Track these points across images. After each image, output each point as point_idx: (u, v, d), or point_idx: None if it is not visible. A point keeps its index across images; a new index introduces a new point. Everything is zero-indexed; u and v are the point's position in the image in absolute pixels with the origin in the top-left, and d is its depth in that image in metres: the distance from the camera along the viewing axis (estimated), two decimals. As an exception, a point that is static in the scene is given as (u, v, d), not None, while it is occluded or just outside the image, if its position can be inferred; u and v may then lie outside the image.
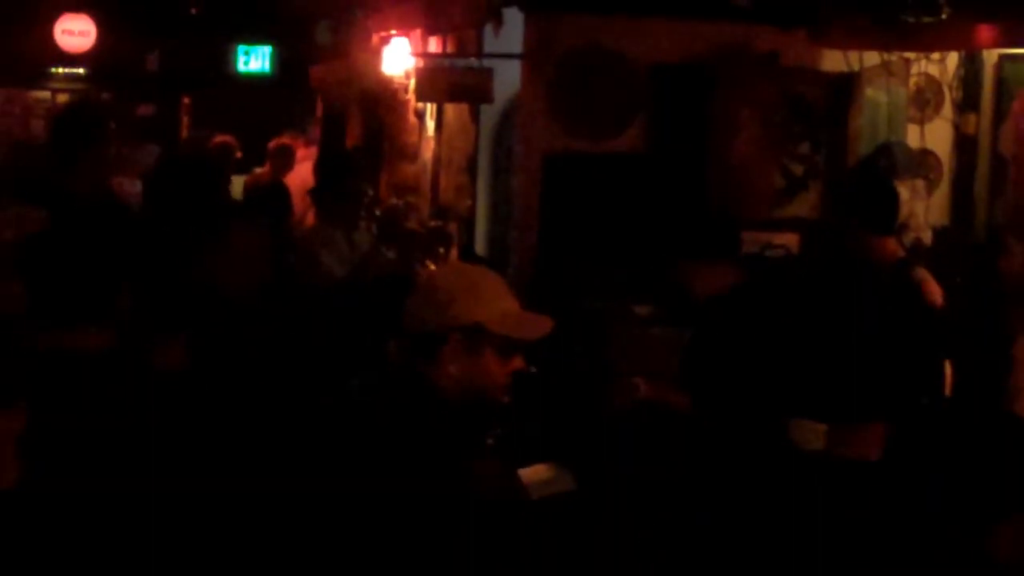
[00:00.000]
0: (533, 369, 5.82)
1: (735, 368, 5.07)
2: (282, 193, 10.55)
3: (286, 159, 12.14)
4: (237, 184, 11.05)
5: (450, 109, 10.14)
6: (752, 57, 8.45)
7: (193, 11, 18.01)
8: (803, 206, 8.57)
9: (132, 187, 9.26)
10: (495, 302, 3.59)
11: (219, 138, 12.24)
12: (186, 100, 19.28)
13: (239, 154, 12.32)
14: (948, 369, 6.80)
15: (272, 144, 12.41)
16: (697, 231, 5.38)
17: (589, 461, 5.22)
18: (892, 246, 6.03)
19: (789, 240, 8.34)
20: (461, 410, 3.53)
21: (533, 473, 4.89)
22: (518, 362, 3.62)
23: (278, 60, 18.86)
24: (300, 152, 12.62)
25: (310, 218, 9.20)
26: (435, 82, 8.99)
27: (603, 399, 5.28)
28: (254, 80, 18.96)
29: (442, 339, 3.52)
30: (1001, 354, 5.61)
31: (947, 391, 6.75)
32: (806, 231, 8.39)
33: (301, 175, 11.07)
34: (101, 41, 18.30)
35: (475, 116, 9.69)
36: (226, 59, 19.03)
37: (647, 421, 5.14)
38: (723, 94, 8.39)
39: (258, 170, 12.76)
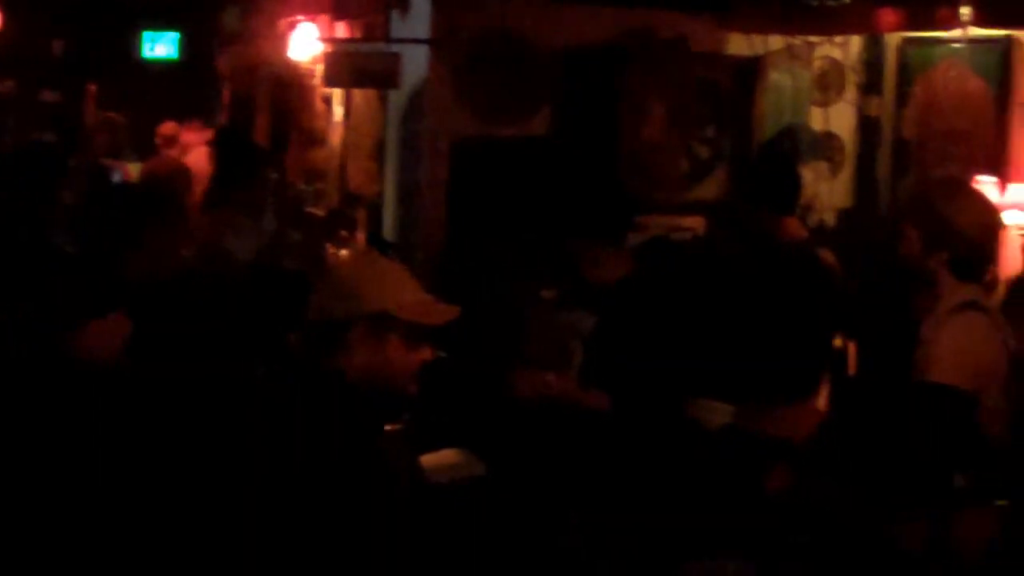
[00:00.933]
0: (442, 354, 5.84)
1: (642, 355, 5.10)
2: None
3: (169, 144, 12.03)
4: (134, 170, 10.94)
5: (358, 95, 10.12)
6: (659, 42, 8.50)
7: (97, -3, 17.85)
8: (709, 189, 8.63)
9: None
10: (400, 290, 3.61)
11: (106, 115, 12.12)
12: (92, 87, 19.09)
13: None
14: (852, 349, 6.90)
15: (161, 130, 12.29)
16: (588, 214, 5.40)
17: (496, 449, 5.23)
18: (795, 226, 6.11)
19: (696, 223, 8.41)
20: (366, 398, 3.54)
21: (440, 458, 4.89)
22: (426, 351, 3.64)
23: (185, 46, 18.71)
24: (202, 136, 12.53)
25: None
26: (342, 67, 8.98)
27: (512, 391, 5.28)
28: (161, 66, 18.79)
29: (347, 327, 3.53)
30: (905, 335, 5.68)
31: (850, 370, 6.85)
32: (712, 213, 8.45)
33: (203, 160, 10.99)
34: (5, 27, 18.06)
35: (383, 101, 9.67)
36: (132, 45, 18.84)
37: (554, 418, 5.14)
38: (630, 78, 8.44)
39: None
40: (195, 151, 11.74)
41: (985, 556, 4.31)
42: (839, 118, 8.95)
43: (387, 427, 3.77)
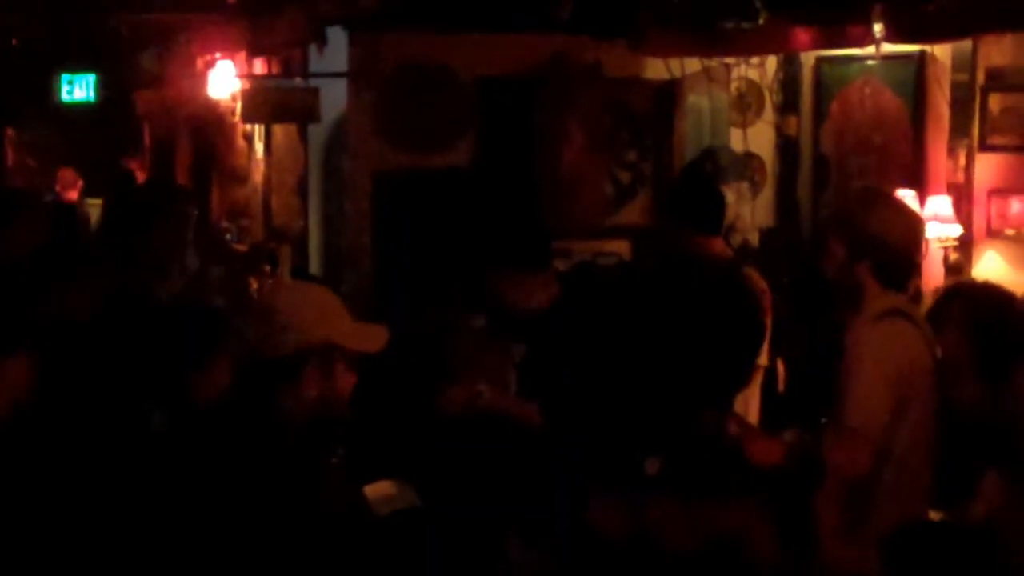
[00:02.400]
0: (371, 385, 5.82)
1: (572, 380, 5.10)
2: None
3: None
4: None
5: (279, 130, 10.10)
6: (575, 68, 8.54)
7: (14, 42, 17.68)
8: (633, 213, 8.67)
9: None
10: (338, 317, 3.59)
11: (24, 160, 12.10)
12: (10, 131, 18.92)
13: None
14: (780, 367, 6.95)
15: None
16: (506, 243, 5.40)
17: (428, 471, 5.21)
18: (720, 247, 6.15)
19: (621, 247, 8.44)
20: (308, 431, 3.52)
21: (377, 490, 4.87)
22: (353, 376, 3.62)
23: (103, 88, 18.59)
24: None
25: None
26: (261, 103, 8.97)
27: (442, 402, 5.26)
28: (79, 109, 18.67)
29: (299, 360, 3.49)
30: (831, 349, 5.72)
31: (782, 388, 6.89)
32: (637, 237, 8.49)
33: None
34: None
35: (303, 136, 9.66)
36: (49, 89, 18.70)
37: (484, 430, 5.13)
38: (548, 105, 8.47)
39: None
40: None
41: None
42: (758, 138, 9.02)
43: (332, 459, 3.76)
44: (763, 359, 6.30)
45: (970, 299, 4.81)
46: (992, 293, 4.91)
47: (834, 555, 4.24)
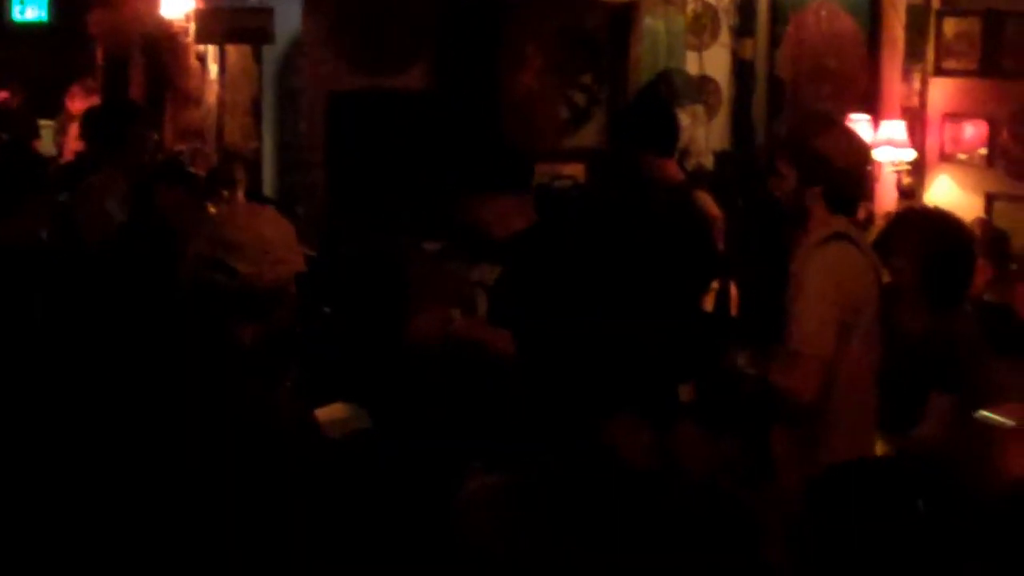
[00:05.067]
0: (327, 309, 5.83)
1: (548, 306, 5.11)
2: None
3: None
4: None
5: (232, 51, 10.02)
6: (533, -10, 8.52)
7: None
8: (588, 136, 8.68)
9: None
10: (296, 245, 3.61)
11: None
12: (-39, 52, 18.74)
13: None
14: (733, 289, 6.99)
15: None
16: (487, 165, 5.38)
17: (387, 398, 5.22)
18: (673, 169, 6.16)
19: (576, 170, 8.45)
20: (263, 355, 3.53)
21: (330, 412, 4.89)
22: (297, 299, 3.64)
23: (55, 8, 18.38)
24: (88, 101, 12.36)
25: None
26: (214, 24, 8.90)
27: (411, 329, 5.24)
28: (31, 29, 18.46)
29: (277, 295, 3.50)
30: (779, 273, 5.76)
31: (733, 311, 6.93)
32: (592, 160, 8.50)
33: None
34: None
35: (257, 57, 9.59)
36: (1, 8, 18.49)
37: (456, 364, 5.12)
38: (507, 28, 8.44)
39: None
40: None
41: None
42: (714, 61, 9.02)
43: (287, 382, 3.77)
44: (716, 281, 6.33)
45: (919, 226, 4.85)
46: (941, 220, 4.95)
47: (788, 480, 4.29)
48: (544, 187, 7.74)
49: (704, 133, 8.78)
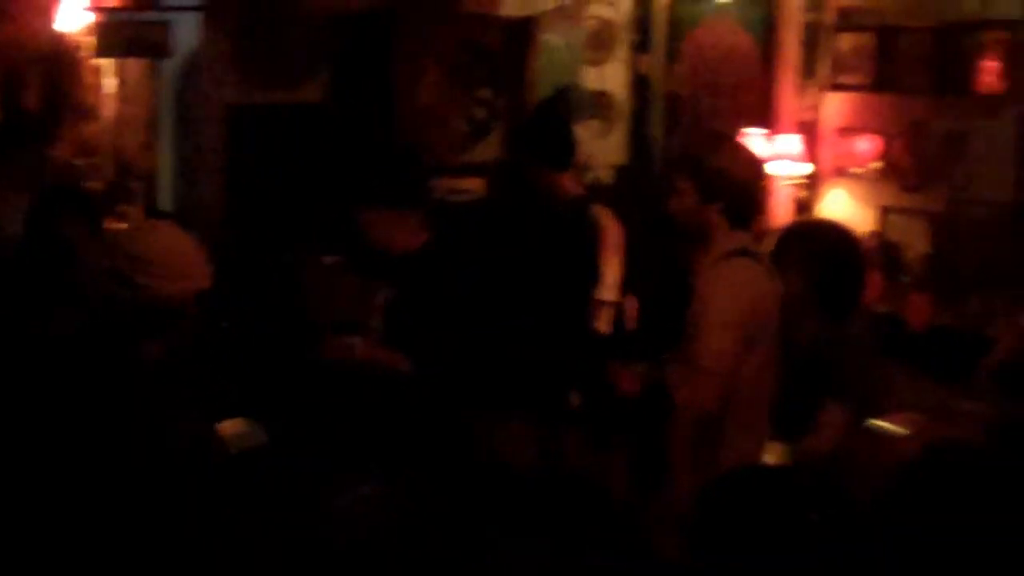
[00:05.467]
0: (225, 324, 5.80)
1: (444, 322, 5.12)
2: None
3: None
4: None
5: (130, 65, 9.93)
6: (430, 4, 8.51)
7: None
8: (487, 150, 8.68)
9: None
10: (200, 259, 3.60)
11: None
12: None
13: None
14: (632, 304, 7.03)
15: None
16: (380, 181, 5.40)
17: (285, 415, 5.20)
18: (570, 183, 6.20)
19: (475, 184, 8.46)
20: (166, 370, 3.52)
21: (227, 428, 4.87)
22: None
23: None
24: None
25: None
26: (112, 37, 8.81)
27: (312, 355, 5.25)
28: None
29: (179, 308, 3.49)
30: (679, 287, 5.82)
31: (631, 325, 6.97)
32: (491, 174, 8.51)
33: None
34: None
35: (155, 71, 9.51)
36: None
37: (358, 381, 5.13)
38: (403, 42, 8.44)
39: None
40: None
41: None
42: (612, 76, 9.07)
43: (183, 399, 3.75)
44: (614, 295, 6.37)
45: (809, 237, 4.93)
46: (831, 231, 5.03)
47: (684, 490, 4.33)
48: (442, 201, 7.75)
49: (602, 148, 8.83)
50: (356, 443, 4.99)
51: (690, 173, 4.71)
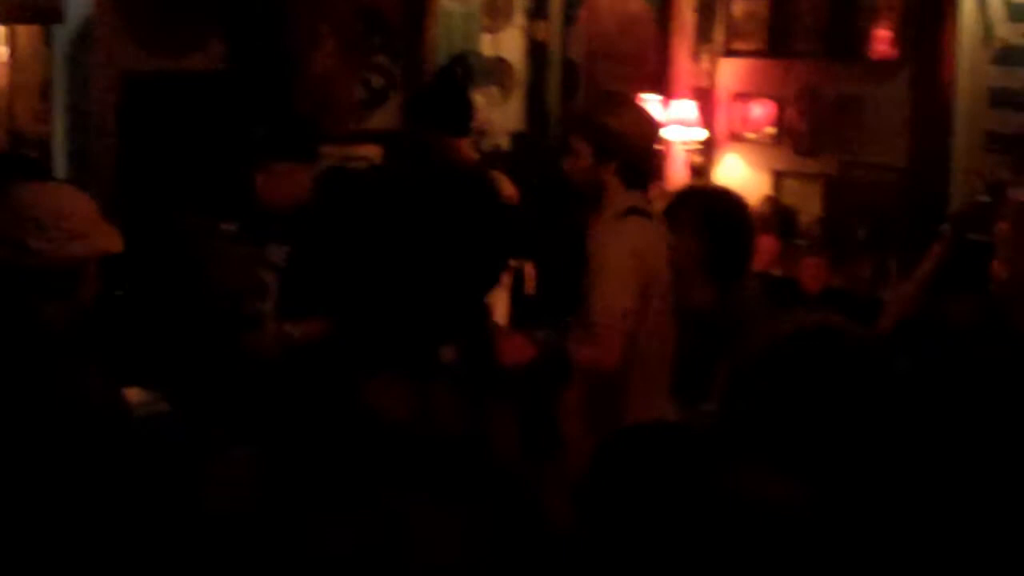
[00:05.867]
0: (119, 292, 5.75)
1: (334, 284, 5.13)
2: None
3: None
4: None
5: (22, 32, 9.80)
6: (325, -29, 8.48)
7: None
8: (384, 117, 8.67)
9: None
10: (103, 222, 3.57)
11: None
12: None
13: None
14: (531, 269, 7.07)
15: None
16: (274, 135, 5.38)
17: (183, 383, 5.19)
18: (467, 149, 6.21)
19: (372, 151, 8.45)
20: (71, 334, 3.49)
21: (128, 396, 4.85)
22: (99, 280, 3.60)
23: None
24: None
25: None
26: (2, 4, 8.68)
27: (249, 344, 5.22)
28: None
29: (79, 271, 3.45)
30: (576, 252, 5.86)
31: (531, 289, 7.02)
32: (388, 142, 8.51)
33: None
34: None
35: (48, 38, 9.39)
36: None
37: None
38: (299, 9, 8.39)
39: None
40: None
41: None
42: (509, 43, 9.09)
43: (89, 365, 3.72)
44: (512, 261, 6.41)
45: (702, 202, 4.98)
46: (722, 196, 5.10)
47: (579, 455, 4.37)
48: (339, 168, 7.74)
49: (499, 114, 8.85)
50: (235, 405, 5.00)
51: (586, 133, 4.74)
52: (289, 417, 4.80)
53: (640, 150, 4.74)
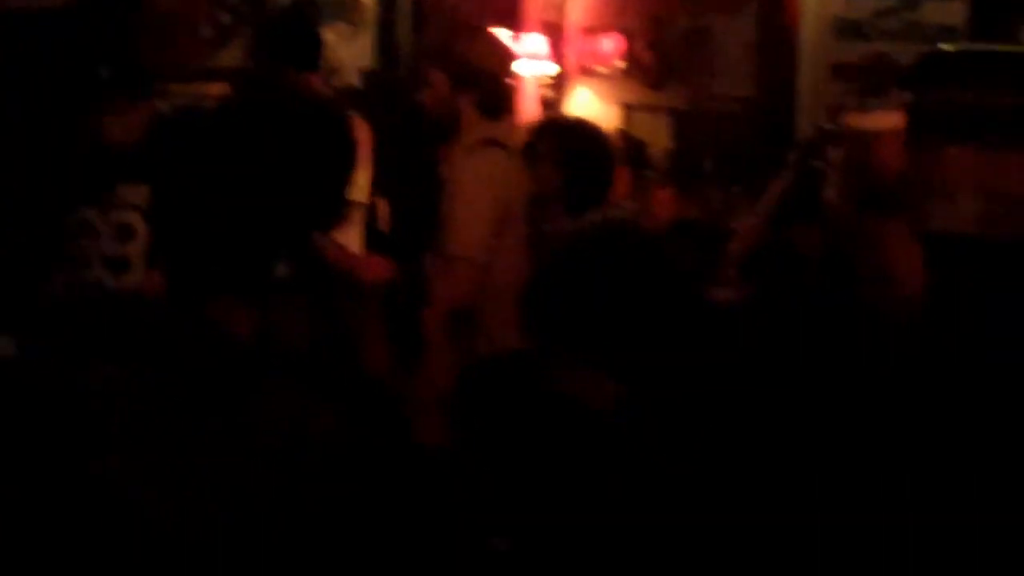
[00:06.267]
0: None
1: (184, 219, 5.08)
2: None
3: None
4: None
5: None
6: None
7: None
8: (233, 55, 8.57)
9: None
10: None
11: None
12: None
13: None
14: (384, 206, 7.05)
15: None
16: (119, 81, 5.30)
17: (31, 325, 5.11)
18: (317, 83, 6.16)
19: (221, 90, 8.34)
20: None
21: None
22: None
23: None
24: None
25: None
26: None
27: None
28: None
29: None
30: (430, 186, 5.87)
31: (384, 226, 7.00)
32: (236, 79, 8.41)
33: None
34: None
35: None
36: None
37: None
38: (142, -55, 8.26)
39: None
40: None
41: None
42: (357, -21, 9.04)
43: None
44: (364, 197, 6.38)
45: (560, 133, 5.01)
46: (579, 127, 5.13)
47: (442, 379, 4.39)
48: (186, 107, 7.64)
49: (349, 51, 8.80)
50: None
51: (442, 64, 4.74)
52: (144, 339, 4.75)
53: (497, 80, 4.75)
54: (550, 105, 8.84)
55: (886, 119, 4.67)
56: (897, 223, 4.09)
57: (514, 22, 9.01)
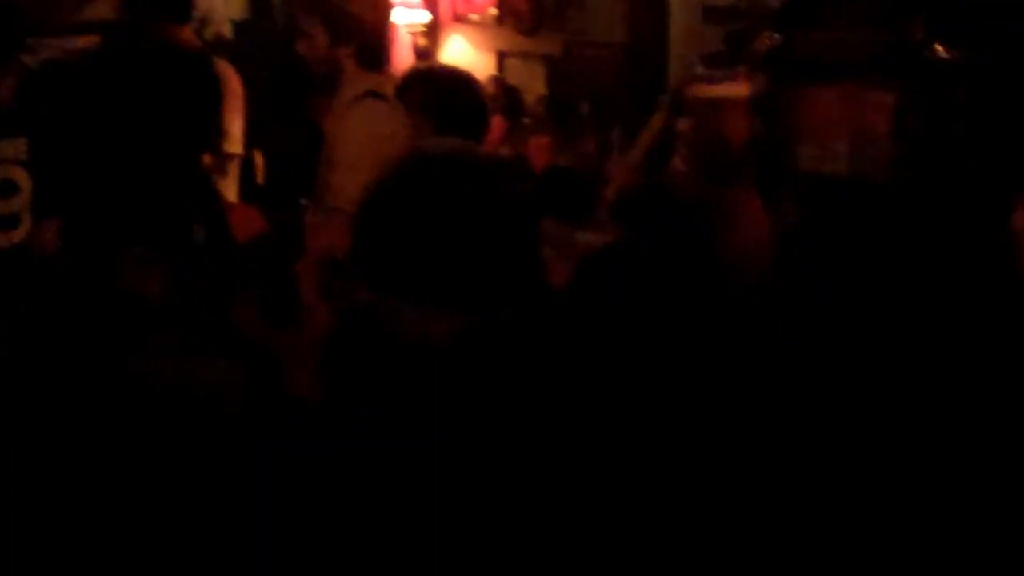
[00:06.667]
0: None
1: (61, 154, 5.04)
2: None
3: None
4: None
5: None
6: None
7: None
8: (104, 7, 8.44)
9: None
10: None
11: None
12: None
13: None
14: (260, 159, 7.02)
15: None
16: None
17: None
18: (188, 35, 6.10)
19: (91, 42, 8.24)
20: None
21: None
22: None
23: None
24: None
25: None
26: None
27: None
28: None
29: None
30: (307, 138, 5.87)
31: (260, 179, 6.98)
32: (106, 31, 8.30)
33: None
34: None
35: None
36: None
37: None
38: None
39: None
40: None
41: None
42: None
43: None
44: (238, 148, 6.34)
45: (431, 82, 5.02)
46: (452, 75, 5.14)
47: (317, 331, 4.40)
48: (55, 60, 7.55)
49: (221, 2, 8.73)
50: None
51: (320, 16, 4.72)
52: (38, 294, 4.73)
53: (375, 32, 4.75)
54: (424, 54, 8.85)
55: (732, 88, 4.72)
56: (744, 192, 4.13)
57: (387, -29, 9.01)
